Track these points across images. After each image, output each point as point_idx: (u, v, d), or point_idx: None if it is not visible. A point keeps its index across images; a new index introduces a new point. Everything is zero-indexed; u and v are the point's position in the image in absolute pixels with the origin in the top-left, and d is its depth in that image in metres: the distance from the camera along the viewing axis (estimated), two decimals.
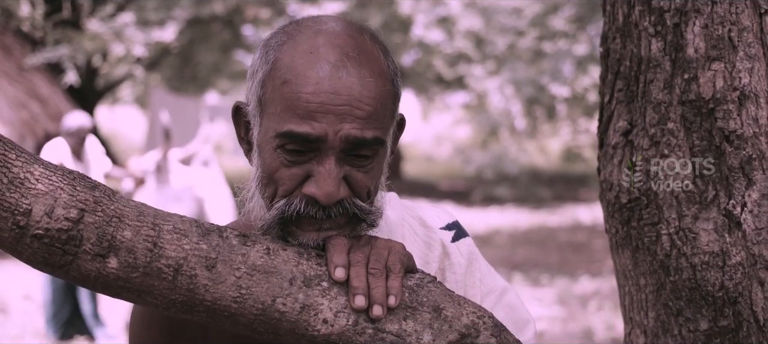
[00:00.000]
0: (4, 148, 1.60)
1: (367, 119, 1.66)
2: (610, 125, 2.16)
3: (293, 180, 1.69)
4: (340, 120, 1.64)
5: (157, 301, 1.65)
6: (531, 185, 20.81)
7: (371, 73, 1.69)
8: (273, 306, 1.65)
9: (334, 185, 1.66)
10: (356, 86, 1.66)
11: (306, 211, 1.69)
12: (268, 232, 1.73)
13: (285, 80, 1.67)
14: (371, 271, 1.66)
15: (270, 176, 1.71)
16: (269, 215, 1.72)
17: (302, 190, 1.68)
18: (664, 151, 2.03)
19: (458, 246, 1.99)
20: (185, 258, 1.63)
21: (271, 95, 1.69)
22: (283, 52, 1.70)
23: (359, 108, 1.65)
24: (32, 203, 1.58)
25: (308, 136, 1.64)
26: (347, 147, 1.66)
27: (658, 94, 2.04)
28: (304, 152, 1.67)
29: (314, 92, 1.64)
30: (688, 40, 2.01)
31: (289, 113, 1.66)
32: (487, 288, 2.01)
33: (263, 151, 1.72)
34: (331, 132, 1.64)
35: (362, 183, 1.71)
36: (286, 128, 1.65)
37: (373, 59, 1.71)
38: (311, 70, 1.66)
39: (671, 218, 2.03)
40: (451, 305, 1.71)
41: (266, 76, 1.71)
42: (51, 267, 1.62)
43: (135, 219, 1.63)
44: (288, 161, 1.68)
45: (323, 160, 1.67)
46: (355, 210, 1.71)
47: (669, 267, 2.04)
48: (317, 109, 1.64)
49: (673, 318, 2.05)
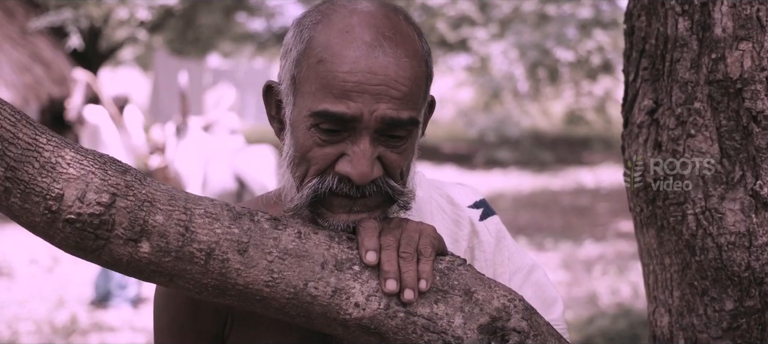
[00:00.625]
0: (35, 132, 1.60)
1: (402, 99, 1.66)
2: (635, 103, 2.16)
3: (326, 159, 1.68)
4: (376, 100, 1.64)
5: (189, 285, 1.65)
6: (534, 148, 20.81)
7: (406, 53, 1.68)
8: (305, 290, 1.65)
9: (368, 165, 1.66)
10: (392, 66, 1.65)
11: (339, 188, 1.68)
12: (299, 212, 1.73)
13: (320, 59, 1.66)
14: (402, 255, 1.66)
15: (303, 155, 1.70)
16: (301, 194, 1.72)
17: (336, 168, 1.68)
18: (691, 131, 2.02)
19: (486, 225, 1.99)
20: (217, 242, 1.63)
21: (306, 74, 1.68)
22: (317, 31, 1.69)
23: (395, 88, 1.65)
24: (64, 187, 1.58)
25: (343, 115, 1.64)
26: (382, 127, 1.66)
27: (684, 73, 2.02)
28: (338, 132, 1.66)
29: (350, 71, 1.64)
30: (715, 19, 1.99)
31: (324, 91, 1.65)
32: (516, 266, 2.01)
33: (296, 130, 1.71)
34: (366, 112, 1.64)
35: (396, 163, 1.71)
36: (321, 107, 1.65)
37: (408, 40, 1.70)
38: (347, 49, 1.65)
39: (697, 198, 2.02)
40: (482, 288, 1.71)
41: (301, 55, 1.70)
42: (83, 252, 1.62)
43: (166, 203, 1.63)
44: (322, 141, 1.67)
45: (358, 139, 1.66)
46: (387, 190, 1.71)
47: (695, 247, 2.04)
48: (353, 88, 1.63)
49: (698, 298, 2.05)
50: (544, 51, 17.34)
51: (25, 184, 1.57)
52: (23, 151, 1.57)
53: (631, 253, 11.28)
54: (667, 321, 2.13)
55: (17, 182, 1.57)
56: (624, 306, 8.82)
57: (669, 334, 2.13)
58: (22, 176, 1.57)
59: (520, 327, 1.69)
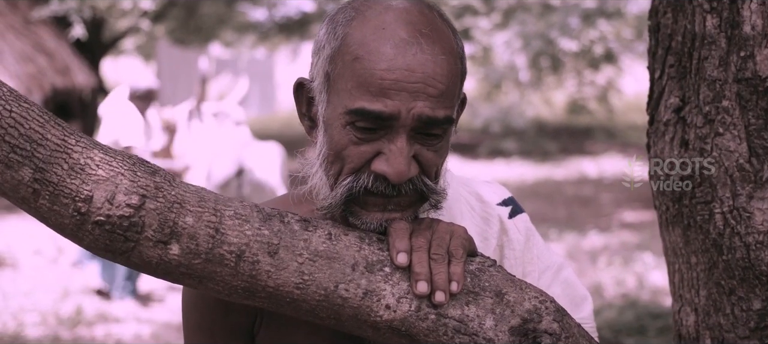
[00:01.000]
0: (64, 133, 1.59)
1: (439, 97, 1.64)
2: (661, 100, 2.14)
3: (362, 158, 1.67)
4: (414, 98, 1.62)
5: (219, 287, 1.64)
6: (537, 138, 20.79)
7: (443, 50, 1.66)
8: (336, 291, 1.64)
9: (405, 164, 1.64)
10: (430, 63, 1.63)
11: (374, 187, 1.67)
12: (332, 210, 1.71)
13: (356, 56, 1.64)
14: (433, 256, 1.65)
15: (337, 153, 1.68)
16: (335, 192, 1.70)
17: (371, 167, 1.66)
18: (719, 129, 2.00)
19: (515, 223, 1.98)
20: (247, 244, 1.62)
21: (341, 71, 1.66)
22: (352, 28, 1.67)
23: (432, 86, 1.63)
24: (93, 189, 1.57)
25: (381, 114, 1.62)
26: (419, 126, 1.64)
27: (712, 71, 2.01)
28: (374, 130, 1.65)
29: (388, 69, 1.62)
30: (744, 17, 1.97)
31: (361, 89, 1.63)
32: (544, 264, 2.00)
33: (331, 128, 1.69)
34: (404, 110, 1.62)
35: (432, 161, 1.70)
36: (358, 105, 1.63)
37: (444, 37, 1.68)
38: (384, 46, 1.63)
39: (725, 196, 2.01)
40: (513, 289, 1.70)
41: (335, 52, 1.68)
42: (112, 254, 1.60)
43: (196, 205, 1.62)
44: (358, 139, 1.66)
45: (394, 138, 1.64)
46: (423, 188, 1.69)
47: (722, 246, 2.02)
48: (391, 86, 1.61)
49: (725, 297, 2.04)
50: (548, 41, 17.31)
51: (54, 186, 1.56)
52: (52, 152, 1.56)
53: (635, 244, 11.27)
54: (693, 321, 2.12)
55: (46, 184, 1.56)
56: (629, 297, 8.80)
57: (695, 334, 2.11)
58: (51, 177, 1.56)
59: (551, 329, 1.68)
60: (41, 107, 1.59)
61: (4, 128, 1.54)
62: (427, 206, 1.74)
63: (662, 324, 7.77)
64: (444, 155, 1.73)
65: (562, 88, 23.16)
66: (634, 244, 11.28)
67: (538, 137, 21.05)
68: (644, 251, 10.72)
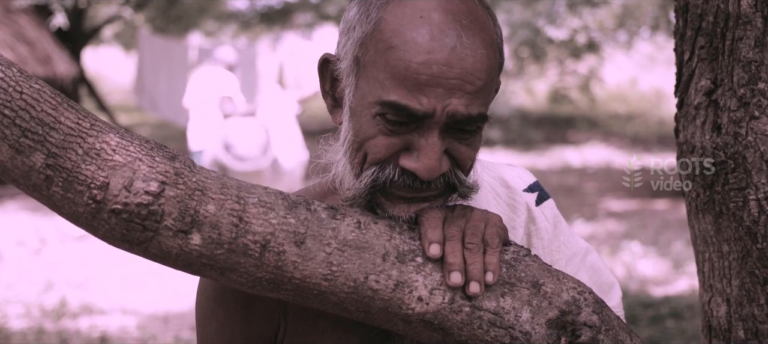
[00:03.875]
0: (78, 116, 1.50)
1: (475, 94, 1.55)
2: (690, 84, 2.05)
3: (390, 149, 1.57)
4: (449, 95, 1.52)
5: (242, 279, 1.55)
6: (521, 128, 20.74)
7: (483, 43, 1.56)
8: (365, 283, 1.55)
9: (436, 160, 1.55)
10: (469, 58, 1.53)
11: (401, 180, 1.58)
12: (357, 200, 1.62)
13: (391, 45, 1.54)
14: (468, 246, 1.57)
15: (363, 142, 1.59)
16: (360, 182, 1.61)
17: (400, 162, 1.57)
18: (755, 112, 1.92)
19: (543, 210, 1.90)
20: (273, 234, 1.53)
21: (373, 58, 1.56)
22: (388, 13, 1.57)
23: (470, 82, 1.53)
24: (109, 175, 1.48)
25: (415, 112, 1.53)
26: (452, 122, 1.55)
27: (748, 52, 1.92)
28: (406, 124, 1.55)
29: (425, 63, 1.51)
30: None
31: (395, 81, 1.53)
32: (571, 251, 1.92)
33: (359, 116, 1.60)
34: (439, 108, 1.52)
35: (466, 155, 1.61)
36: (392, 99, 1.53)
37: (484, 28, 1.58)
38: (422, 38, 1.52)
39: (761, 182, 1.93)
40: (551, 280, 1.62)
41: (367, 36, 1.58)
42: (129, 244, 1.51)
43: (218, 192, 1.53)
44: (388, 130, 1.56)
45: (426, 133, 1.55)
46: (455, 181, 1.61)
47: (756, 234, 1.94)
48: (428, 81, 1.51)
49: (759, 287, 1.96)
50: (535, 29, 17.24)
51: (68, 172, 1.47)
52: (65, 136, 1.47)
53: (622, 233, 11.25)
54: (724, 311, 2.04)
55: (59, 170, 1.47)
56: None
57: (727, 325, 2.03)
58: (64, 163, 1.47)
59: (591, 321, 1.60)
60: (54, 89, 1.50)
61: (14, 110, 1.45)
62: (456, 196, 1.66)
63: (653, 314, 7.74)
64: (478, 148, 1.65)
65: (544, 77, 23.13)
66: (620, 233, 11.25)
67: (522, 126, 21.00)
68: (632, 240, 10.70)
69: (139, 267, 9.21)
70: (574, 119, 24.81)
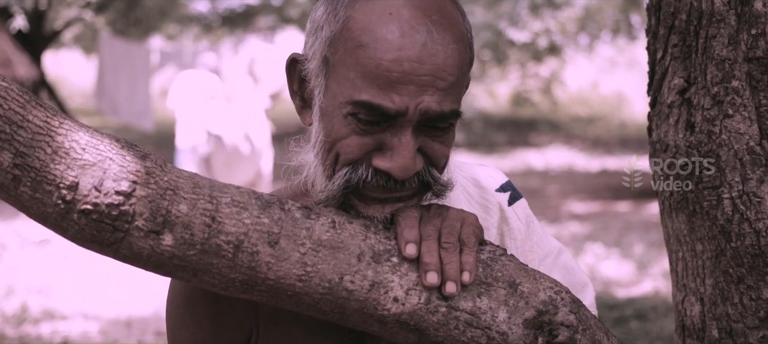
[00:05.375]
0: (46, 115, 1.46)
1: (447, 90, 1.52)
2: (663, 82, 2.05)
3: (362, 149, 1.55)
4: (421, 92, 1.50)
5: (215, 280, 1.52)
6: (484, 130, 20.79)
7: (454, 38, 1.54)
8: (340, 284, 1.53)
9: (410, 159, 1.53)
10: (440, 53, 1.51)
11: (374, 180, 1.55)
12: (329, 202, 1.60)
13: (361, 43, 1.51)
14: (444, 245, 1.54)
15: (335, 142, 1.56)
16: (333, 183, 1.58)
17: (373, 162, 1.55)
18: (728, 110, 1.91)
19: (515, 210, 1.88)
20: (246, 234, 1.50)
21: (343, 58, 1.54)
22: (356, 11, 1.54)
23: (442, 78, 1.51)
24: (79, 175, 1.44)
25: (387, 110, 1.50)
26: (424, 120, 1.53)
27: (721, 50, 1.92)
28: (378, 123, 1.52)
29: (396, 60, 1.49)
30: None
31: (366, 80, 1.50)
32: (544, 250, 1.91)
33: (330, 116, 1.57)
34: (411, 106, 1.50)
35: (439, 153, 1.58)
36: (363, 98, 1.51)
37: (454, 23, 1.56)
38: (392, 35, 1.50)
39: (734, 181, 1.92)
40: (527, 280, 1.60)
41: (336, 35, 1.55)
42: (99, 245, 1.48)
43: (190, 192, 1.50)
44: (360, 130, 1.53)
45: (399, 132, 1.53)
46: (429, 180, 1.58)
47: (730, 233, 1.94)
48: (399, 79, 1.49)
49: (733, 286, 1.96)
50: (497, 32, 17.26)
51: (37, 171, 1.43)
52: (34, 135, 1.43)
53: (585, 234, 11.29)
54: (698, 311, 2.03)
55: (27, 170, 1.43)
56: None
57: (701, 324, 2.03)
58: (32, 162, 1.43)
59: (568, 320, 1.59)
60: (21, 87, 1.46)
61: None
62: (430, 195, 1.64)
63: (617, 315, 7.76)
64: (450, 145, 1.62)
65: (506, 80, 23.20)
66: (583, 235, 11.29)
67: (484, 128, 21.05)
68: (595, 241, 10.73)
69: (100, 271, 9.13)
70: (536, 121, 24.91)
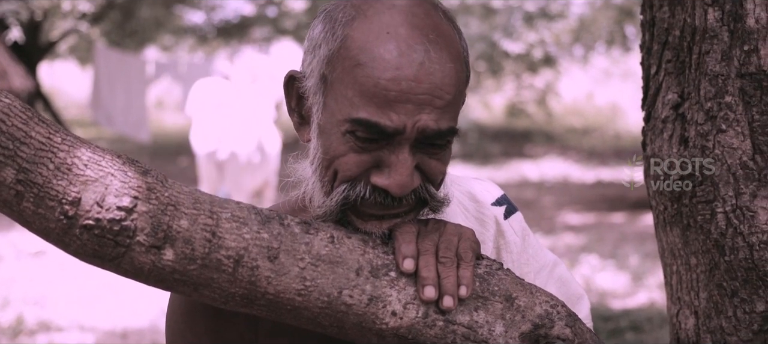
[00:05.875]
0: (49, 131, 1.48)
1: (444, 108, 1.55)
2: (657, 97, 2.07)
3: (360, 167, 1.57)
4: (419, 110, 1.52)
5: (215, 295, 1.54)
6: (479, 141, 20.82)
7: (450, 57, 1.57)
8: (339, 298, 1.55)
9: (408, 176, 1.55)
10: (438, 72, 1.54)
11: (372, 197, 1.58)
12: (327, 218, 1.62)
13: (359, 62, 1.54)
14: (441, 260, 1.57)
15: (333, 159, 1.59)
16: (331, 200, 1.60)
17: (371, 180, 1.57)
18: (721, 126, 1.94)
19: (511, 224, 1.90)
20: (246, 248, 1.52)
21: (341, 76, 1.56)
22: (354, 30, 1.56)
23: (439, 97, 1.54)
24: (81, 190, 1.46)
25: (385, 128, 1.52)
26: (422, 138, 1.55)
27: (714, 66, 1.94)
28: (376, 141, 1.55)
29: (394, 79, 1.51)
30: (748, 10, 1.91)
31: (364, 99, 1.53)
32: (540, 263, 1.93)
33: (328, 133, 1.59)
34: (409, 124, 1.52)
35: (436, 170, 1.61)
36: (361, 116, 1.53)
37: (450, 42, 1.59)
38: (390, 54, 1.52)
39: (727, 195, 1.94)
40: (523, 294, 1.62)
41: (334, 54, 1.57)
42: (101, 260, 1.50)
43: (191, 207, 1.52)
44: (358, 148, 1.56)
45: (396, 149, 1.55)
46: (426, 196, 1.61)
47: (724, 247, 1.96)
48: (397, 98, 1.51)
49: (727, 299, 1.98)
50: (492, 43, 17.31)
51: (39, 187, 1.45)
52: (36, 151, 1.45)
53: (580, 246, 11.30)
54: (692, 324, 2.05)
55: (30, 185, 1.45)
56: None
57: (695, 337, 2.05)
58: (35, 178, 1.45)
59: (564, 334, 1.61)
60: (24, 104, 1.48)
61: None
62: (427, 211, 1.66)
63: (613, 327, 7.77)
64: (447, 162, 1.65)
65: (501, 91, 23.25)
66: (579, 246, 11.30)
67: (480, 140, 21.08)
68: (590, 253, 10.75)
69: (96, 282, 9.13)
70: (531, 132, 24.95)
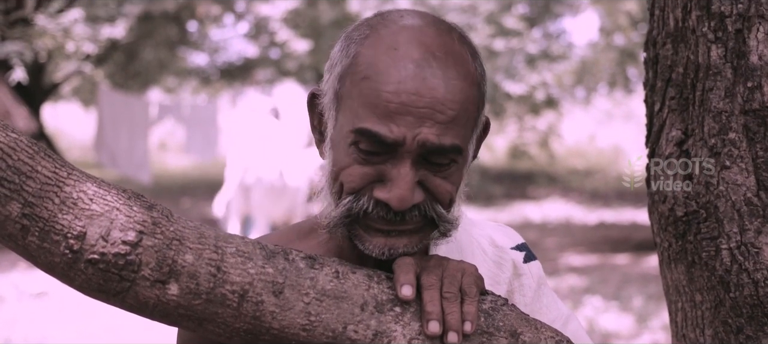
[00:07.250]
0: (55, 165, 1.48)
1: (447, 124, 1.56)
2: (661, 134, 2.07)
3: (364, 179, 1.59)
4: (419, 123, 1.54)
5: (220, 330, 1.53)
6: (481, 183, 20.82)
7: (457, 75, 1.58)
8: (344, 333, 1.55)
9: (408, 190, 1.56)
10: (440, 87, 1.55)
11: (375, 211, 1.59)
12: (334, 230, 1.64)
13: (365, 76, 1.57)
14: (445, 295, 1.57)
15: (340, 171, 1.61)
16: (336, 212, 1.62)
17: (373, 194, 1.59)
18: (725, 162, 1.94)
19: (530, 268, 1.91)
20: (251, 284, 1.52)
21: (349, 90, 1.59)
22: (365, 47, 1.60)
23: (441, 112, 1.55)
24: (86, 225, 1.46)
25: (385, 138, 1.54)
26: (423, 152, 1.56)
27: (718, 102, 1.95)
28: (378, 153, 1.57)
29: (395, 92, 1.54)
30: (751, 47, 1.92)
31: (367, 110, 1.56)
32: (553, 315, 1.93)
33: (337, 146, 1.62)
34: (409, 136, 1.54)
35: (442, 188, 1.61)
36: (363, 126, 1.55)
37: (460, 61, 1.60)
38: (393, 68, 1.56)
39: (732, 232, 1.94)
40: (528, 329, 1.62)
41: (345, 70, 1.61)
42: (106, 295, 1.50)
43: (196, 242, 1.52)
44: (361, 159, 1.58)
45: (398, 163, 1.57)
46: (433, 215, 1.62)
47: (729, 283, 1.96)
48: (397, 109, 1.54)
49: (732, 336, 1.97)
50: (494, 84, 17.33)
51: (45, 221, 1.45)
52: (42, 185, 1.46)
53: (583, 287, 11.26)
54: None
55: (36, 220, 1.45)
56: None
57: None
58: (41, 212, 1.45)
59: None
60: (30, 138, 1.48)
61: None
62: (436, 234, 1.66)
63: None
64: (457, 183, 1.65)
65: (504, 133, 23.26)
66: (582, 288, 11.27)
67: (482, 181, 21.08)
68: (593, 294, 10.72)
69: (97, 324, 9.11)
70: (533, 174, 24.94)
